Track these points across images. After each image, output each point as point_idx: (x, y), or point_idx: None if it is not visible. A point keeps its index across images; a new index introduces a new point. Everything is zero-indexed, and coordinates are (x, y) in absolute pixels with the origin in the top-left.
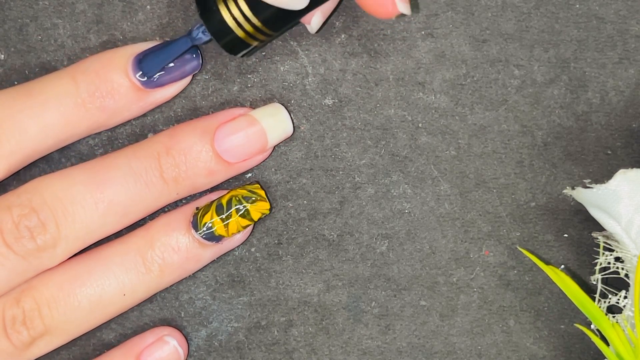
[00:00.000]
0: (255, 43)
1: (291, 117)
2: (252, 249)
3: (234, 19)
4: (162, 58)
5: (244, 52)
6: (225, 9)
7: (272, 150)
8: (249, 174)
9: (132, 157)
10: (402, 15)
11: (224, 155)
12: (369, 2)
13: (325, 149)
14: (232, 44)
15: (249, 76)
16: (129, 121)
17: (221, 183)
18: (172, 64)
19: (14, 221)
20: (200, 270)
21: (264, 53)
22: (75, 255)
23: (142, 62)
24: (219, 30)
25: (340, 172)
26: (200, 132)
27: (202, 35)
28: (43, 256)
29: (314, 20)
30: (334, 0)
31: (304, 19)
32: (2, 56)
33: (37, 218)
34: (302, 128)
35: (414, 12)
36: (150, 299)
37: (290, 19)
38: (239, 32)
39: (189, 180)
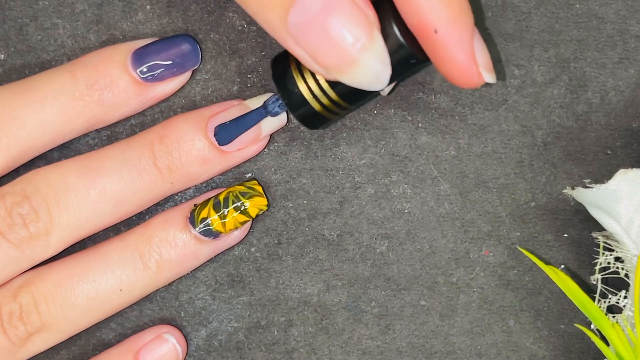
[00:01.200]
0: (331, 116)
1: (286, 110)
2: (252, 249)
3: (311, 91)
4: (236, 129)
5: (320, 125)
6: (303, 82)
7: (267, 143)
8: (249, 174)
9: (126, 148)
10: (488, 85)
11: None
12: (453, 74)
13: (325, 149)
14: (308, 117)
15: (248, 76)
16: (128, 120)
17: (220, 183)
18: (170, 61)
19: (6, 209)
20: (200, 270)
21: (263, 53)
22: (73, 252)
23: (217, 133)
24: (295, 103)
25: (340, 172)
26: (194, 121)
27: (277, 108)
28: (36, 245)
29: (386, 89)
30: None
31: None
32: (2, 56)
33: (30, 205)
34: (302, 128)
35: None
36: (149, 299)
37: (368, 93)
38: (315, 105)
39: (183, 169)
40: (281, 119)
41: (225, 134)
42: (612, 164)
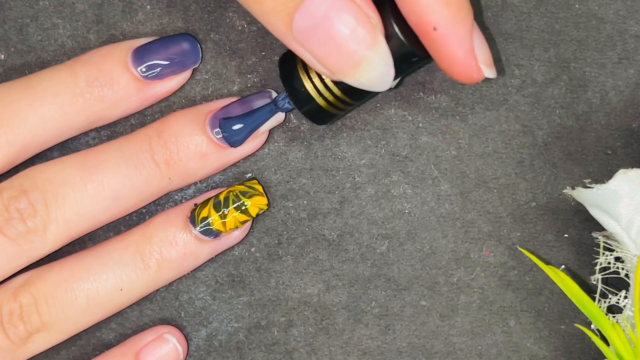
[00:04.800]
0: (337, 112)
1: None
2: (252, 249)
3: (317, 89)
4: (246, 124)
5: (328, 121)
6: (309, 81)
7: (267, 143)
8: (249, 174)
9: (123, 143)
10: (489, 83)
11: (216, 138)
12: (453, 70)
13: (325, 149)
14: (315, 113)
15: (249, 76)
16: (128, 120)
17: (220, 183)
18: (170, 59)
19: (4, 204)
20: (200, 270)
21: (263, 53)
22: (73, 252)
23: (224, 125)
24: (302, 100)
25: (340, 172)
26: (192, 117)
27: (287, 104)
28: (34, 240)
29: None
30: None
31: None
32: (2, 56)
33: (27, 200)
34: (302, 128)
35: None
36: (150, 299)
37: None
38: (322, 102)
39: (181, 164)
40: (279, 116)
41: (234, 131)
42: (612, 164)
